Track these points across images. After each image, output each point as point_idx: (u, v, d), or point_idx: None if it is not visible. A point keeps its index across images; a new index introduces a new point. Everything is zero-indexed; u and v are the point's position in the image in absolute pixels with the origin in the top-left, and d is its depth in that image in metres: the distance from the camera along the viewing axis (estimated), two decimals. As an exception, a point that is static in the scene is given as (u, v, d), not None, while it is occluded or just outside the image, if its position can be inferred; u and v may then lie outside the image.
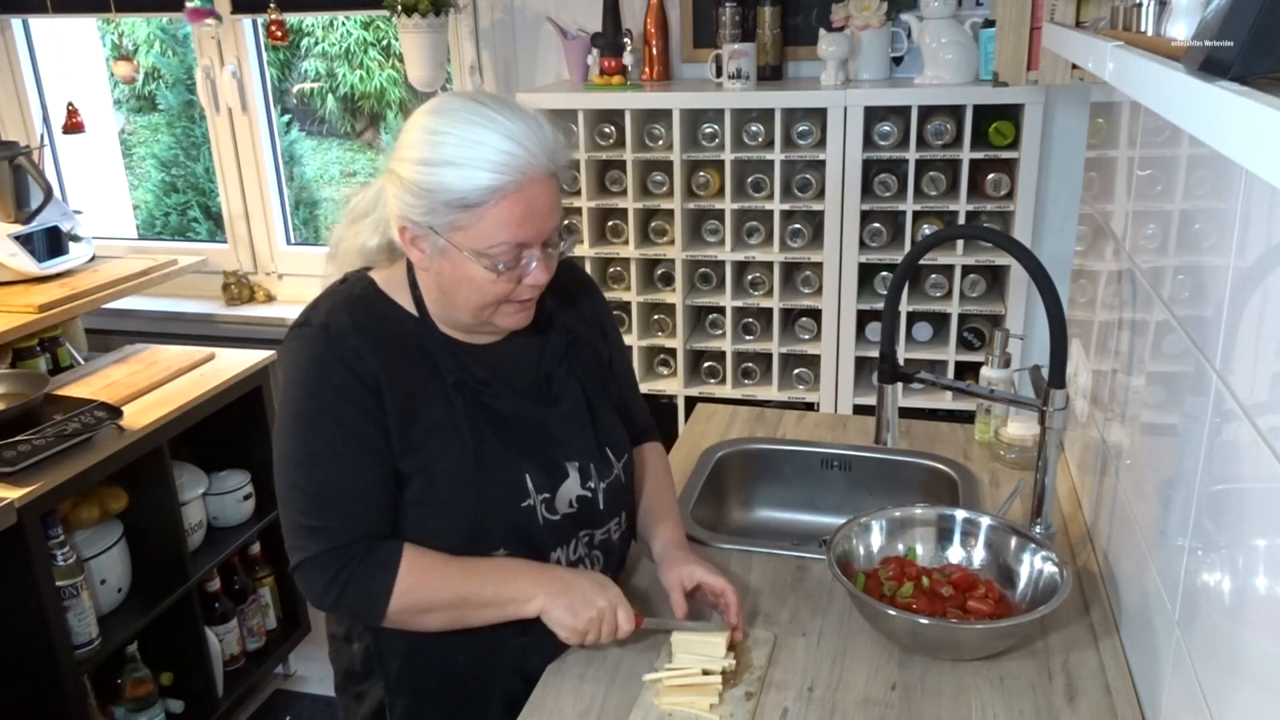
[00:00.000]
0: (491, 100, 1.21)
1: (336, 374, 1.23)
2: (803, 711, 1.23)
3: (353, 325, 1.25)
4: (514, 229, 1.18)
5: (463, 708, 1.37)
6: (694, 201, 2.55)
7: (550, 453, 1.32)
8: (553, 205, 1.21)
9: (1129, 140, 1.44)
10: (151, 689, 2.33)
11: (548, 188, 1.20)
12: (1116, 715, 1.20)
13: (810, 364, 2.63)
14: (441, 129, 1.18)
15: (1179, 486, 1.07)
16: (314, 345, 1.25)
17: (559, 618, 1.26)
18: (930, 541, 1.48)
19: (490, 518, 1.28)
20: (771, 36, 2.56)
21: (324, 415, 1.23)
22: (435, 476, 1.26)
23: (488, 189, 1.16)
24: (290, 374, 1.26)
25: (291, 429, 1.25)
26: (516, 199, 1.17)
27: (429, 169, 1.17)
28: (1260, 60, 0.59)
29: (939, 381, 1.65)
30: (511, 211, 1.17)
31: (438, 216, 1.18)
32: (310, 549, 1.23)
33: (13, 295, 2.60)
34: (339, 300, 1.28)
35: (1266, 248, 0.85)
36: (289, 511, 1.25)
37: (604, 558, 1.41)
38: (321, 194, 5.44)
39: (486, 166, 1.15)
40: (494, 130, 1.16)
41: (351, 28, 5.30)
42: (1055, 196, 2.54)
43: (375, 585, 1.23)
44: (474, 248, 1.19)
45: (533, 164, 1.17)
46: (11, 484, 1.91)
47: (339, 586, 1.22)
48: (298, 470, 1.25)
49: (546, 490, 1.31)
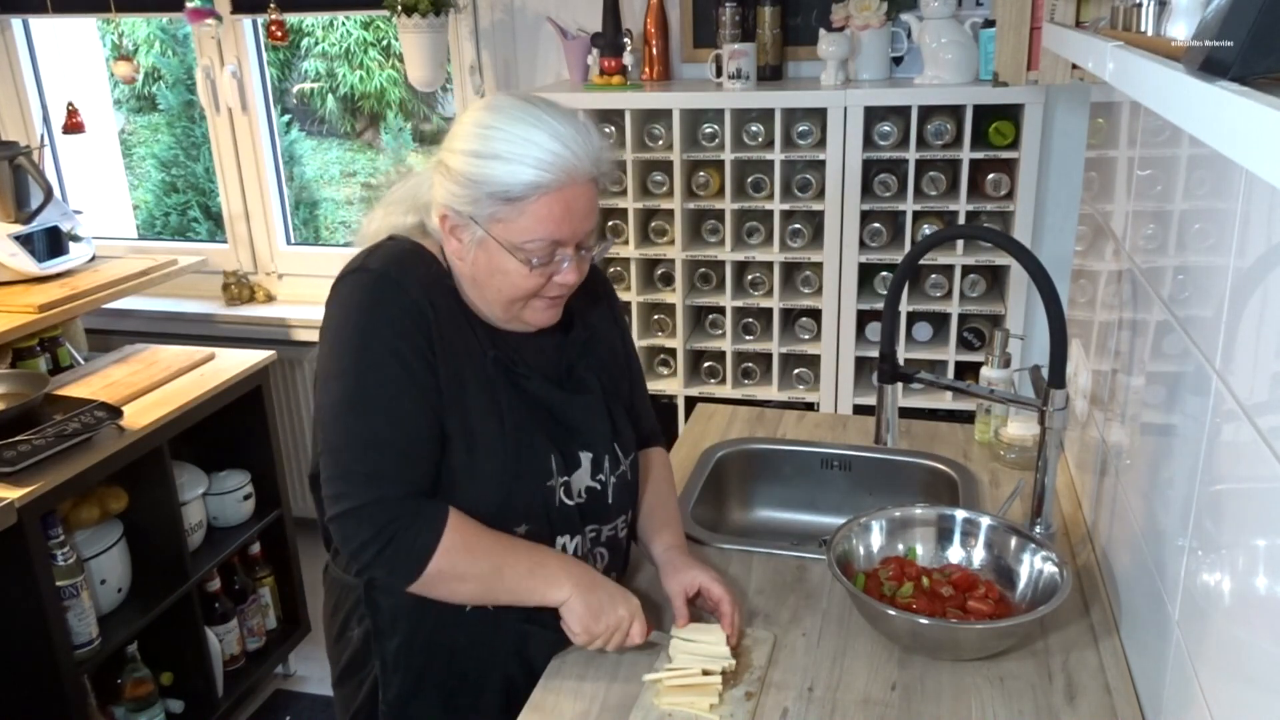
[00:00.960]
0: (543, 102, 1.24)
1: (397, 319, 1.22)
2: (803, 711, 1.23)
3: (412, 274, 1.25)
4: (552, 226, 1.21)
5: (458, 691, 1.37)
6: (694, 201, 2.55)
7: (568, 439, 1.34)
8: (591, 208, 1.25)
9: (1129, 140, 1.44)
10: (151, 689, 2.33)
11: (588, 190, 1.23)
12: (1116, 715, 1.20)
13: (810, 364, 2.63)
14: (493, 124, 1.21)
15: (1179, 486, 1.07)
16: (372, 290, 1.24)
17: (580, 614, 1.26)
18: (930, 541, 1.48)
19: (518, 492, 1.29)
20: (771, 36, 2.56)
21: (383, 357, 1.21)
22: (476, 442, 1.26)
23: (531, 184, 1.19)
24: (345, 316, 1.24)
25: (348, 371, 1.22)
26: (557, 197, 1.20)
27: (478, 160, 1.20)
28: (1260, 60, 0.59)
29: (939, 381, 1.65)
30: (551, 209, 1.20)
31: (480, 207, 1.21)
32: (357, 498, 1.20)
33: (13, 295, 2.60)
34: (394, 252, 1.28)
35: (1266, 248, 0.85)
36: (338, 459, 1.22)
37: (609, 555, 1.41)
38: (321, 194, 5.44)
39: (532, 163, 1.18)
40: (543, 130, 1.19)
41: (351, 28, 5.30)
42: (1055, 196, 2.54)
43: (420, 543, 1.21)
44: (511, 240, 1.21)
45: (576, 166, 1.20)
46: (11, 484, 1.91)
47: (382, 541, 1.20)
48: (352, 413, 1.21)
49: (565, 475, 1.33)
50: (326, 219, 5.39)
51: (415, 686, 1.36)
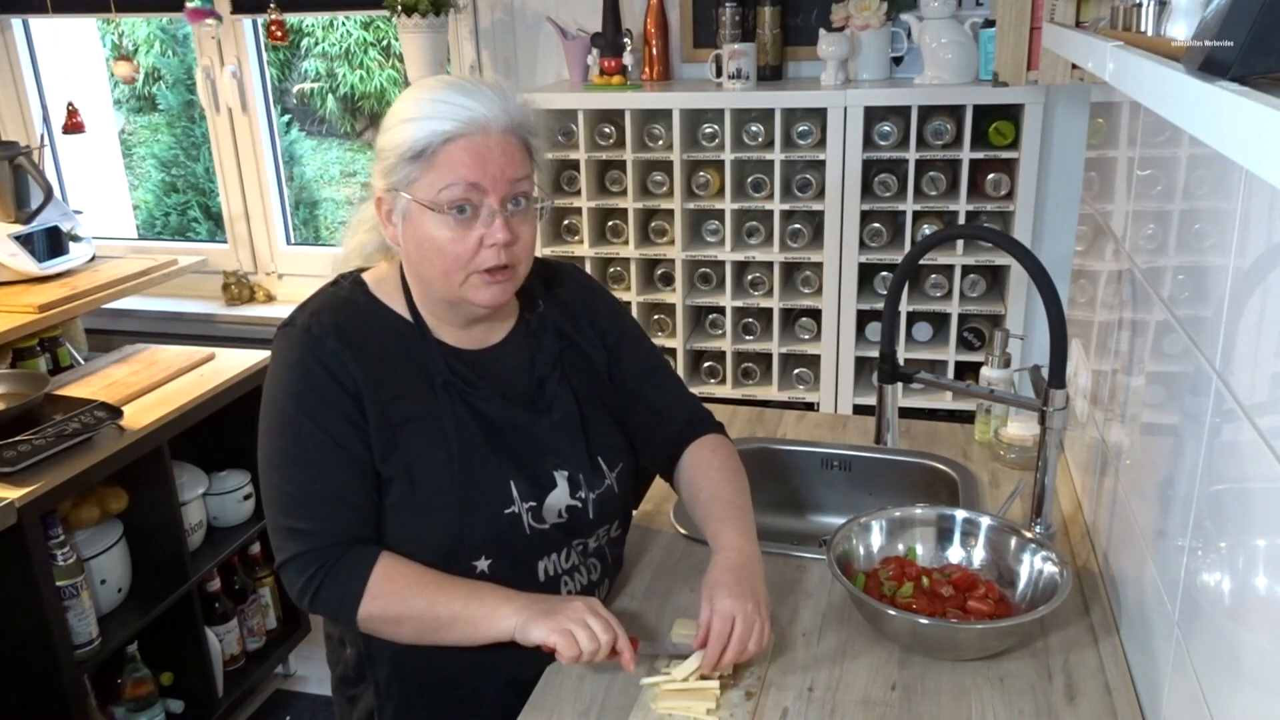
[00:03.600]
0: (463, 76, 1.26)
1: (316, 376, 1.24)
2: (803, 711, 1.23)
3: (335, 328, 1.26)
4: (463, 170, 1.19)
5: (452, 715, 1.36)
6: (694, 201, 2.55)
7: (538, 461, 1.31)
8: (510, 159, 1.21)
9: (1129, 140, 1.44)
10: (151, 689, 2.33)
11: (504, 142, 1.21)
12: (1116, 715, 1.20)
13: (810, 364, 2.63)
14: (406, 96, 1.24)
15: (1179, 486, 1.07)
16: (295, 347, 1.26)
17: (538, 623, 1.18)
18: (930, 541, 1.48)
19: (471, 524, 1.26)
20: (771, 36, 2.56)
21: (303, 417, 1.24)
22: (417, 480, 1.25)
23: (438, 134, 1.18)
24: (272, 374, 1.28)
25: (273, 430, 1.26)
26: (467, 144, 1.19)
27: (389, 130, 1.22)
28: (1260, 60, 0.59)
29: (939, 381, 1.66)
30: (461, 156, 1.19)
31: (397, 174, 1.22)
32: (290, 549, 1.24)
33: (13, 295, 2.60)
34: (325, 302, 1.30)
35: (1266, 248, 0.85)
36: (270, 512, 1.26)
37: (599, 565, 1.40)
38: (321, 194, 5.44)
39: (436, 116, 1.19)
40: (450, 88, 1.21)
41: (351, 28, 5.30)
42: (1055, 196, 2.54)
43: (346, 589, 1.23)
44: (429, 197, 1.20)
45: (486, 116, 1.20)
46: (11, 484, 1.91)
47: (313, 587, 1.23)
48: (278, 471, 1.25)
49: (533, 499, 1.29)
50: (326, 219, 5.39)
51: (409, 712, 1.35)
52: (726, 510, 1.38)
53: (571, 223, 2.62)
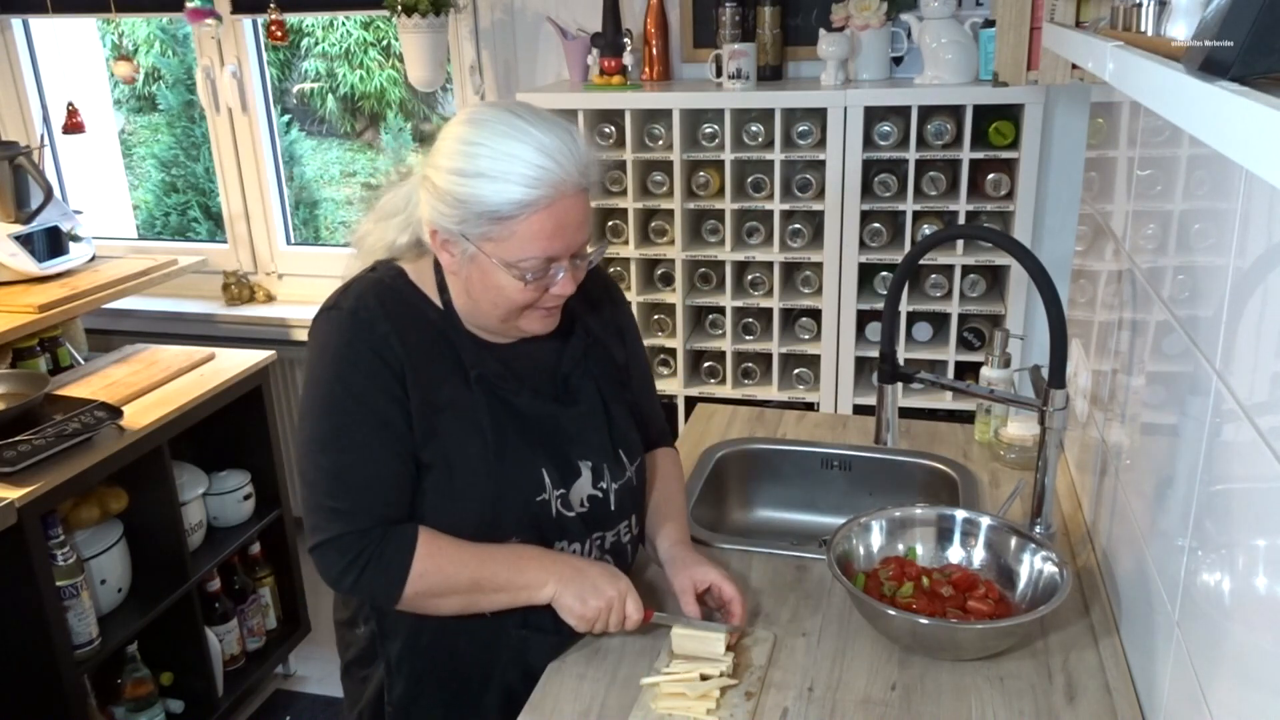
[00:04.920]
0: (526, 112, 1.22)
1: (364, 358, 1.24)
2: (803, 711, 1.23)
3: (382, 312, 1.27)
4: (544, 243, 1.20)
5: (460, 694, 1.38)
6: (694, 201, 2.55)
7: (565, 451, 1.34)
8: (583, 219, 1.24)
9: (1129, 140, 1.44)
10: (151, 689, 2.33)
11: (579, 202, 1.22)
12: (1116, 715, 1.20)
13: (810, 364, 2.63)
14: (476, 140, 1.20)
15: (1179, 486, 1.07)
16: (342, 329, 1.26)
17: (569, 604, 1.27)
18: (930, 541, 1.48)
19: (505, 510, 1.29)
20: (771, 36, 2.56)
21: (350, 399, 1.24)
22: (455, 467, 1.27)
23: (520, 203, 1.18)
24: (317, 356, 1.27)
25: (317, 411, 1.26)
26: (548, 214, 1.19)
27: (463, 180, 1.19)
28: (1260, 60, 0.59)
29: (939, 381, 1.66)
30: (543, 226, 1.19)
31: (470, 226, 1.20)
32: (331, 530, 1.24)
33: (13, 295, 2.60)
34: (369, 286, 1.30)
35: (1266, 248, 0.85)
36: (312, 493, 1.26)
37: (614, 561, 1.42)
38: (321, 194, 5.43)
39: (519, 180, 1.17)
40: (528, 144, 1.18)
41: (351, 28, 5.30)
42: (1055, 196, 2.54)
43: (392, 568, 1.24)
44: (504, 259, 1.21)
45: (564, 179, 1.19)
46: (11, 484, 1.91)
47: (357, 569, 1.24)
48: (323, 453, 1.26)
49: (562, 486, 1.33)
50: (326, 219, 5.39)
51: (418, 689, 1.37)
52: (673, 512, 1.49)
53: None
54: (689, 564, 1.38)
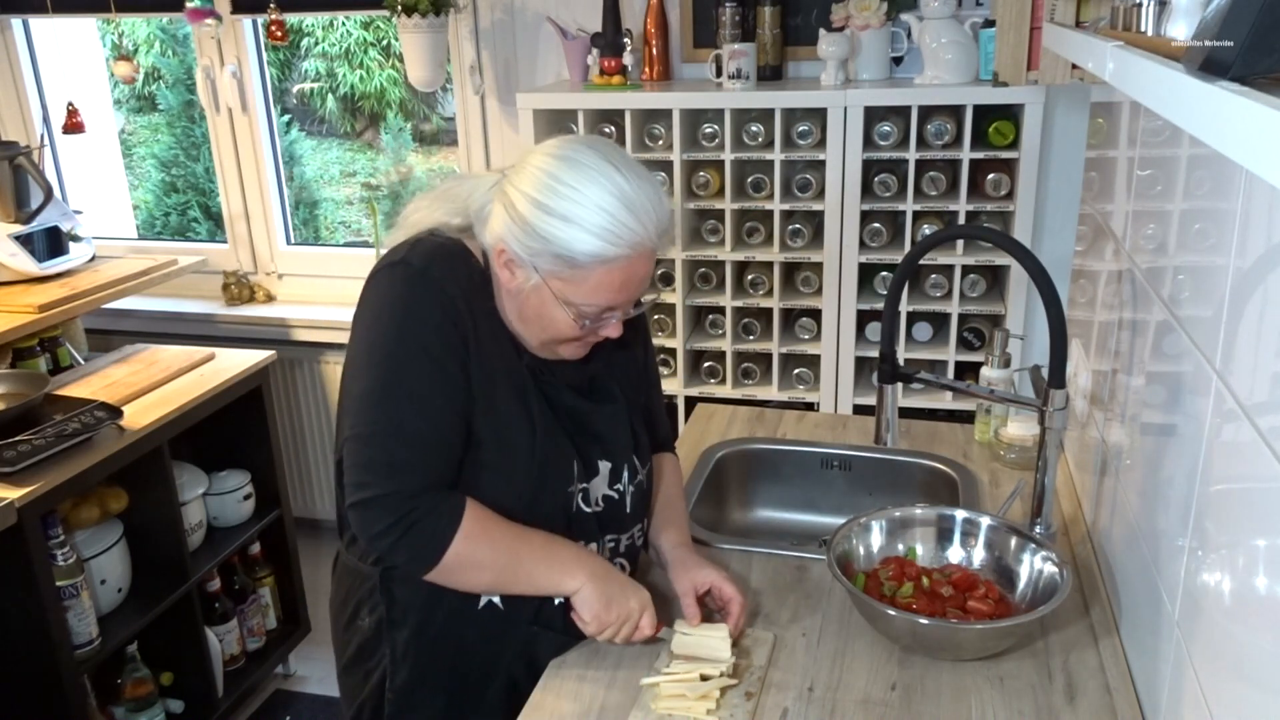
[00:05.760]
0: (619, 159, 1.22)
1: (433, 315, 1.22)
2: (803, 711, 1.23)
3: (451, 275, 1.25)
4: (611, 295, 1.22)
5: (464, 684, 1.37)
6: (694, 201, 2.55)
7: (589, 447, 1.35)
8: (649, 274, 1.25)
9: (1129, 140, 1.44)
10: (151, 689, 2.33)
11: (650, 260, 1.24)
12: (1116, 715, 1.20)
13: (810, 364, 2.63)
14: (566, 180, 1.19)
15: (1179, 486, 1.07)
16: (411, 284, 1.24)
17: (592, 603, 1.27)
18: (930, 541, 1.48)
19: (542, 496, 1.30)
20: (771, 36, 2.56)
21: (415, 351, 1.22)
22: (506, 443, 1.27)
23: (597, 256, 1.19)
24: (381, 308, 1.24)
25: (377, 362, 1.23)
26: (622, 269, 1.20)
27: (545, 216, 1.18)
28: (1260, 60, 0.59)
29: (939, 381, 1.66)
30: (613, 280, 1.21)
31: (542, 260, 1.20)
32: (379, 487, 1.21)
33: (13, 295, 2.60)
34: (437, 249, 1.27)
35: (1266, 248, 0.85)
36: (362, 445, 1.22)
37: (627, 566, 1.42)
38: (321, 194, 5.44)
39: (601, 234, 1.18)
40: (616, 197, 1.18)
41: (351, 28, 5.30)
42: (1055, 196, 2.54)
43: (438, 532, 1.22)
44: (567, 299, 1.22)
45: (644, 240, 1.20)
46: (11, 484, 1.91)
47: (399, 530, 1.21)
48: (379, 406, 1.22)
49: (585, 482, 1.34)
50: (326, 219, 5.39)
51: (422, 677, 1.36)
52: (674, 515, 1.49)
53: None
54: (690, 566, 1.39)
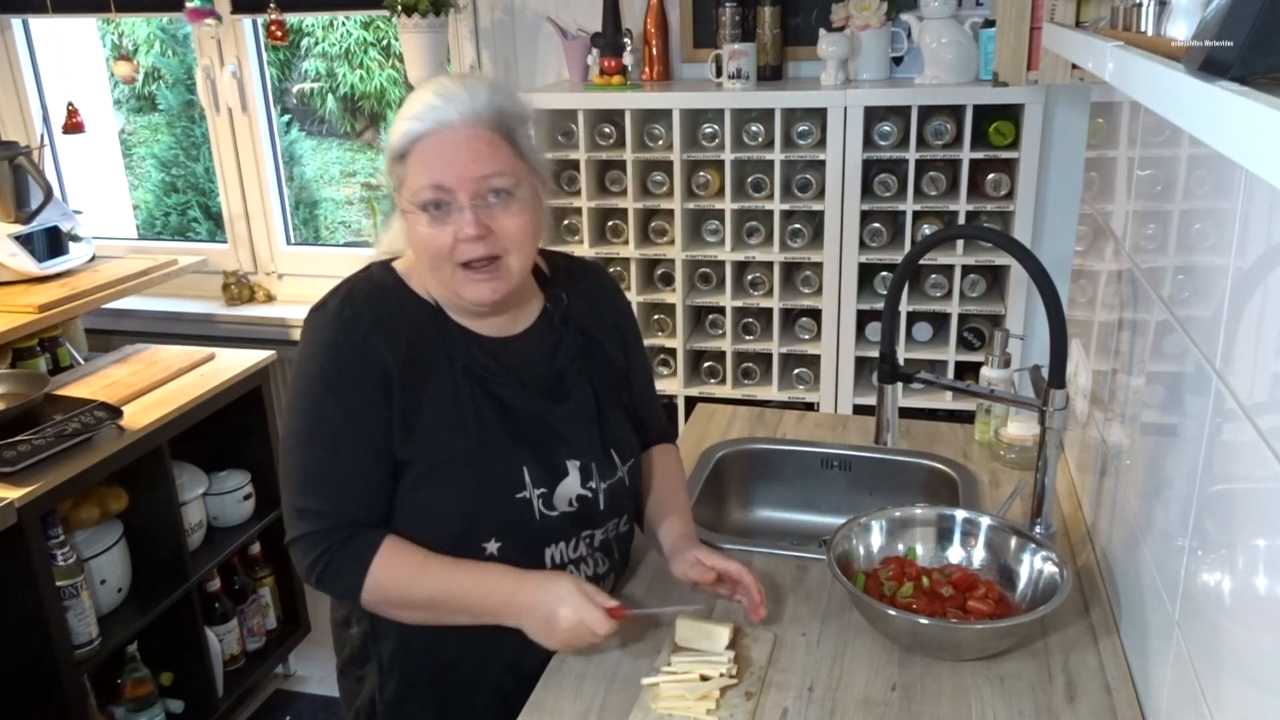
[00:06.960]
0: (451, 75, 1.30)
1: (346, 359, 1.26)
2: (803, 711, 1.23)
3: (368, 312, 1.28)
4: (431, 171, 1.23)
5: (452, 696, 1.38)
6: (694, 201, 2.55)
7: (552, 449, 1.33)
8: (476, 156, 1.23)
9: (1129, 140, 1.44)
10: (151, 689, 2.33)
11: (472, 137, 1.24)
12: (1116, 715, 1.20)
13: (810, 364, 2.63)
14: None
15: (1179, 486, 1.07)
16: (326, 329, 1.28)
17: (538, 633, 1.27)
18: (930, 541, 1.48)
19: (483, 507, 1.29)
20: (771, 36, 2.56)
21: (328, 398, 1.26)
22: (434, 464, 1.28)
23: (408, 134, 1.23)
24: (303, 356, 1.30)
25: (298, 410, 1.29)
26: (432, 143, 1.23)
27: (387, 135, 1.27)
28: (1260, 60, 0.59)
29: (939, 381, 1.66)
30: (428, 156, 1.23)
31: (391, 175, 1.28)
32: (301, 528, 1.27)
33: (13, 295, 2.60)
34: (358, 287, 1.33)
35: (1266, 248, 0.85)
36: (286, 490, 1.29)
37: (606, 559, 1.42)
38: (321, 194, 5.44)
39: (409, 116, 1.24)
40: (428, 88, 1.25)
41: (351, 28, 5.30)
42: (1055, 196, 2.54)
43: (349, 573, 1.26)
44: (410, 199, 1.25)
45: (450, 113, 1.23)
46: (11, 484, 1.91)
47: (320, 567, 1.26)
48: (296, 451, 1.28)
49: (544, 485, 1.32)
50: (326, 219, 5.39)
51: (410, 689, 1.37)
52: (676, 506, 1.49)
53: (571, 223, 2.62)
54: (689, 552, 1.38)
